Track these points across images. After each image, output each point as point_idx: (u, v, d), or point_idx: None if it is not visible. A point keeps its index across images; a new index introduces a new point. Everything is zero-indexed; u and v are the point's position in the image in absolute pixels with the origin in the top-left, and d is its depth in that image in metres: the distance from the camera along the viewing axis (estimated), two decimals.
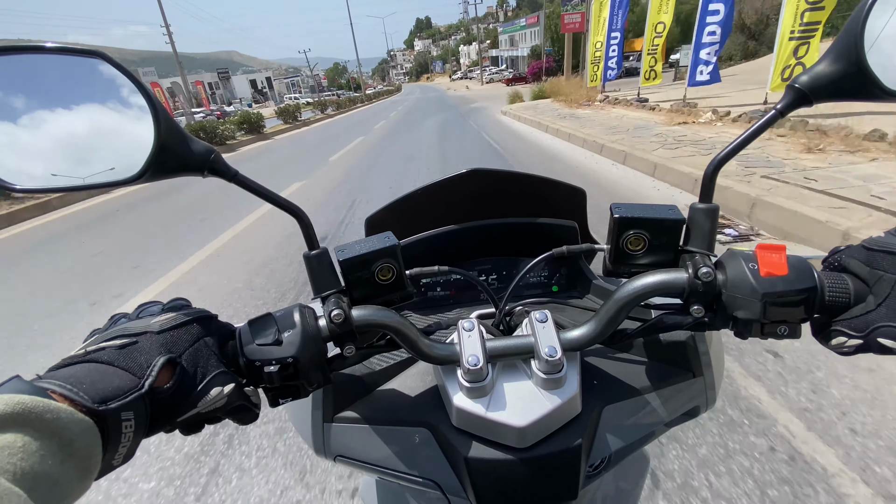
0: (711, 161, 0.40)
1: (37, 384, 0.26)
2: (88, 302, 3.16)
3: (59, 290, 3.44)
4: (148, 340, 0.32)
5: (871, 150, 4.38)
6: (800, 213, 3.05)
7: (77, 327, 2.80)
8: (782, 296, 0.35)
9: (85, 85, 0.35)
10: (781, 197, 3.36)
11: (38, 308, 3.15)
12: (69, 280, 3.65)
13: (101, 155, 0.36)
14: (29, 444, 0.22)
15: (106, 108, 0.35)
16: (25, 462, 0.22)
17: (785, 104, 0.38)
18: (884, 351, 0.33)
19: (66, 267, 4.01)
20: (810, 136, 5.00)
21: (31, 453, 0.22)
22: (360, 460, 0.47)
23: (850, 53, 0.35)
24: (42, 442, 0.23)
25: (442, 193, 0.67)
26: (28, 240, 5.20)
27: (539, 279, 0.70)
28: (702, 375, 0.49)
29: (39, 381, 0.27)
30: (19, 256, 4.55)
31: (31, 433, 0.23)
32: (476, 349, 0.41)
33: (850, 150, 4.46)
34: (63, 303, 3.19)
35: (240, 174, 0.39)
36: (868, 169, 3.87)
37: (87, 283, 3.53)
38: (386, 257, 0.42)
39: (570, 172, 5.44)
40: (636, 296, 0.39)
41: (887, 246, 0.34)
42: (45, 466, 0.22)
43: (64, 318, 2.96)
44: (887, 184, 3.41)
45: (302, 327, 0.37)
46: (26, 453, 0.22)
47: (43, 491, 0.22)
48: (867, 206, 3.01)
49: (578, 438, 0.41)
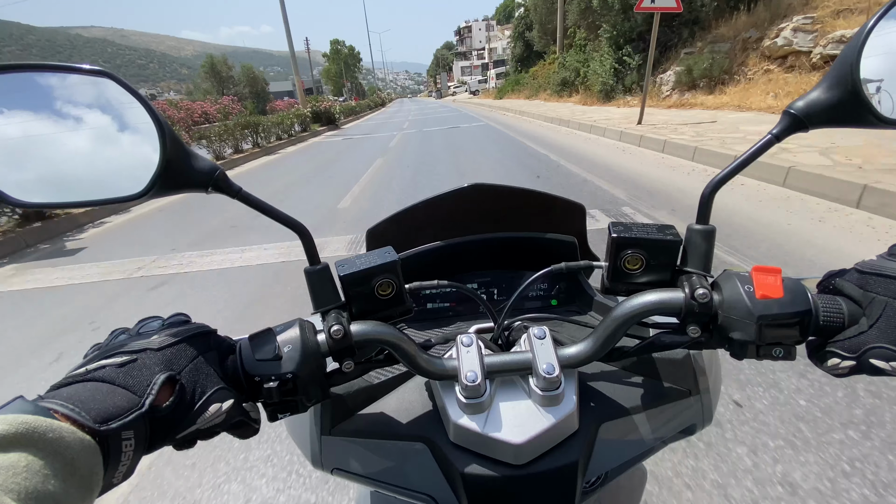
0: (708, 183, 0.41)
1: (40, 404, 0.26)
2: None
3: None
4: (148, 358, 0.32)
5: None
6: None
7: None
8: (777, 318, 0.35)
9: (92, 102, 0.36)
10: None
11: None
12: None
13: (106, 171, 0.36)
14: (33, 464, 0.23)
15: (112, 125, 0.36)
16: (29, 482, 0.22)
17: (781, 129, 0.38)
18: (876, 372, 0.34)
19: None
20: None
21: (34, 473, 0.22)
22: (356, 473, 0.47)
23: (846, 81, 0.36)
24: (45, 462, 0.23)
25: (443, 207, 0.68)
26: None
27: (539, 293, 0.70)
28: (698, 394, 0.49)
29: (42, 400, 0.27)
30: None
31: (35, 453, 0.23)
32: (474, 365, 0.41)
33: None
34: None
35: (243, 191, 0.40)
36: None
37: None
38: (386, 273, 0.43)
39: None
40: (634, 314, 0.40)
41: (879, 269, 0.35)
42: (48, 486, 0.23)
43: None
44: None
45: (302, 343, 0.38)
46: (30, 473, 0.22)
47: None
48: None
49: (575, 456, 0.41)
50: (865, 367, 0.34)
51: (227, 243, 4.14)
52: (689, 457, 1.43)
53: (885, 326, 0.33)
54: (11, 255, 4.50)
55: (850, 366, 0.35)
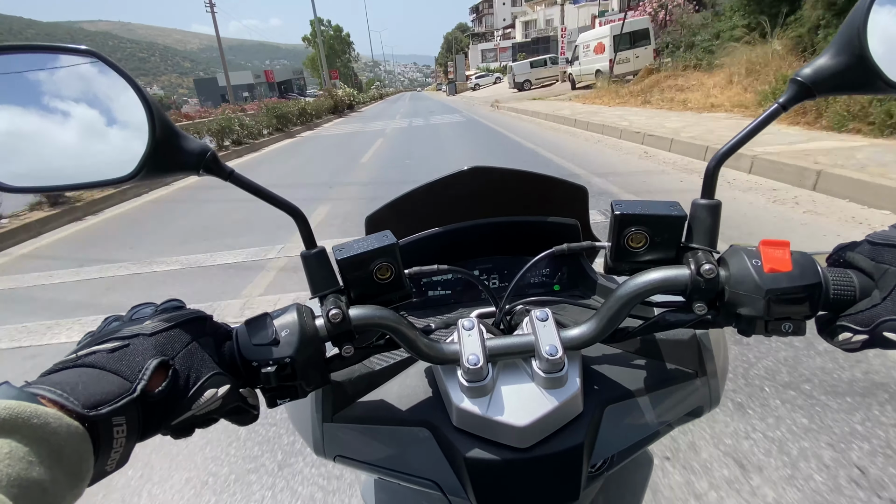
0: (713, 156, 0.40)
1: (26, 390, 0.26)
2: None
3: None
4: (140, 343, 0.31)
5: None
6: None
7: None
8: (786, 292, 0.34)
9: (79, 84, 0.35)
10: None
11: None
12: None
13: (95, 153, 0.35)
14: (16, 450, 0.22)
15: (100, 106, 0.35)
16: (11, 468, 0.21)
17: (788, 97, 0.38)
18: (889, 345, 0.33)
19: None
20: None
21: (17, 459, 0.22)
22: (359, 460, 0.47)
23: (853, 46, 0.35)
24: (30, 448, 0.23)
25: (442, 191, 0.67)
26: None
27: (541, 278, 0.70)
28: (705, 375, 0.49)
29: (29, 386, 0.26)
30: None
31: (18, 439, 0.22)
32: (476, 348, 0.40)
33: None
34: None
35: (235, 173, 0.39)
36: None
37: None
38: (384, 256, 0.42)
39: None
40: (637, 293, 0.39)
41: (891, 239, 0.34)
42: (32, 473, 0.22)
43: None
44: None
45: (299, 327, 0.37)
46: (12, 459, 0.22)
47: (30, 498, 0.22)
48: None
49: (580, 438, 0.40)
50: (878, 340, 0.33)
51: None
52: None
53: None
54: None
55: (863, 340, 0.34)
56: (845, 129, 5.07)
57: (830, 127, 5.25)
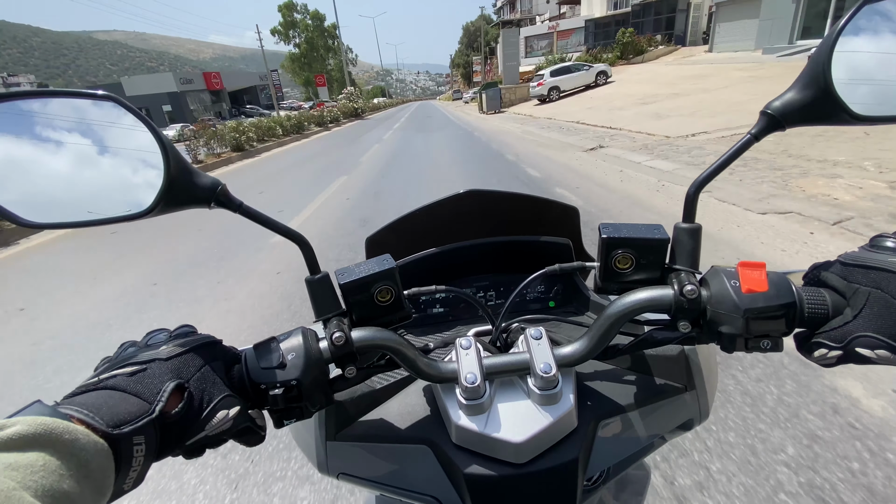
0: (693, 183, 0.42)
1: (57, 409, 0.28)
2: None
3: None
4: (157, 367, 0.33)
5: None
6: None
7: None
8: (763, 311, 0.36)
9: (98, 125, 0.37)
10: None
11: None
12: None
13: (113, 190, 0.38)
14: (49, 464, 0.24)
15: (117, 146, 0.37)
16: (46, 480, 0.23)
17: (759, 129, 0.40)
18: (862, 360, 0.35)
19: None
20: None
21: (51, 472, 0.24)
22: (362, 477, 0.48)
23: (819, 81, 0.37)
24: (62, 462, 0.24)
25: (440, 213, 0.69)
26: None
27: (536, 295, 0.72)
28: (694, 388, 0.50)
29: (59, 406, 0.28)
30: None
31: (52, 453, 0.24)
32: (473, 367, 0.42)
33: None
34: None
35: (244, 205, 0.41)
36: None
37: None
38: (384, 280, 0.44)
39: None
40: (626, 312, 0.41)
41: (861, 260, 0.36)
42: (63, 485, 0.24)
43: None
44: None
45: (305, 350, 0.39)
46: (47, 472, 0.23)
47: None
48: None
49: (575, 453, 0.42)
50: (852, 355, 0.35)
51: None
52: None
53: (869, 315, 0.34)
54: None
55: (838, 355, 0.35)
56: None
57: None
